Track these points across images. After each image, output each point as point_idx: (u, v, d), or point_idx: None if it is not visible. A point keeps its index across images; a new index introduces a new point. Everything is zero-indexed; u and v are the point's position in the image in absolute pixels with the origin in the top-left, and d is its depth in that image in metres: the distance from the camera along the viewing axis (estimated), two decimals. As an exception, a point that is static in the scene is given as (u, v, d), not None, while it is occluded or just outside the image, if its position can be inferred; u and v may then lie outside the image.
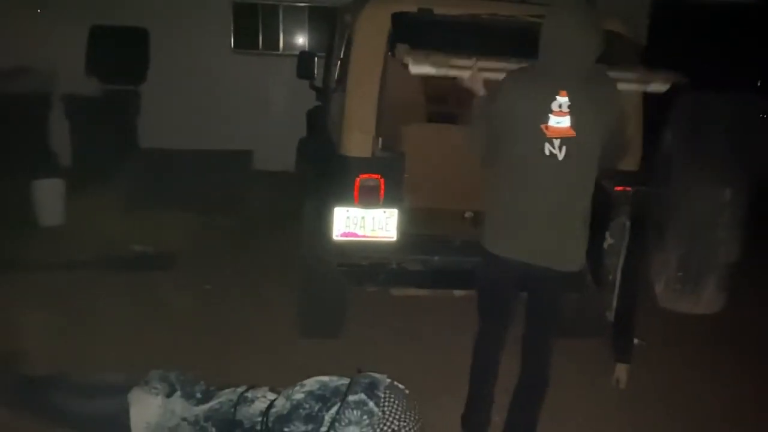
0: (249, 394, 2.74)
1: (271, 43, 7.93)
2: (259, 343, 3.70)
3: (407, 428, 2.44)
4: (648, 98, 3.32)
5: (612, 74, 2.52)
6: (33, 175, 5.54)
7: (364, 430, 2.40)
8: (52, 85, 6.68)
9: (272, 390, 2.77)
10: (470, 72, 2.59)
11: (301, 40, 7.99)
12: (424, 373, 3.40)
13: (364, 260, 3.22)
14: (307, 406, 2.55)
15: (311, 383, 2.66)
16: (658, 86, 2.74)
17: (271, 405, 2.64)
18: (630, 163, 3.32)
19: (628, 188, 3.08)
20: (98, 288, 4.27)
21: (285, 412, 2.58)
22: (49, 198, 5.53)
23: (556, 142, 2.38)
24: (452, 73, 2.65)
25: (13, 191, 5.47)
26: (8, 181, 5.52)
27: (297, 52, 7.31)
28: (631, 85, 2.77)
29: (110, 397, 2.78)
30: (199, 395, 2.74)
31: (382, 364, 2.93)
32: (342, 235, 3.19)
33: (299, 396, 2.61)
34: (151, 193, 5.92)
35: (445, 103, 4.56)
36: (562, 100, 2.37)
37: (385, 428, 2.41)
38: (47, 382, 2.99)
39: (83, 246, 4.96)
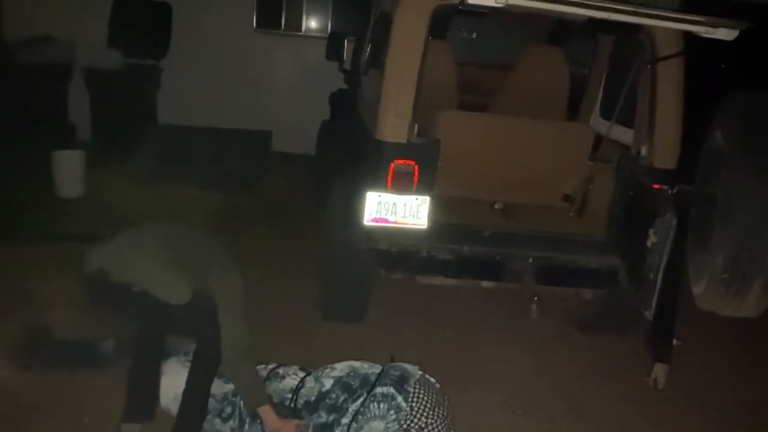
0: (280, 371, 2.73)
1: (294, 23, 7.84)
2: (280, 325, 3.66)
3: (435, 425, 2.41)
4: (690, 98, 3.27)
5: (683, 16, 2.51)
6: (52, 146, 5.50)
7: (390, 425, 2.38)
8: (73, 56, 6.63)
9: (302, 369, 2.76)
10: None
11: (324, 21, 7.89)
12: (447, 362, 3.38)
13: (393, 246, 3.18)
14: (333, 395, 2.53)
15: (342, 367, 2.64)
16: (727, 33, 2.64)
17: (301, 384, 2.62)
18: (668, 161, 3.28)
19: (665, 187, 3.03)
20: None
21: (312, 399, 2.56)
22: (67, 169, 5.50)
23: None
24: (511, 0, 2.55)
25: (32, 162, 5.43)
26: (27, 151, 5.48)
27: (319, 34, 7.27)
28: (700, 27, 2.69)
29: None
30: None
31: (405, 351, 2.89)
32: (372, 221, 3.15)
33: (328, 381, 2.59)
34: (169, 169, 5.86)
35: (474, 91, 4.50)
36: None
37: (413, 424, 2.39)
38: (79, 344, 3.08)
39: (101, 218, 4.92)
